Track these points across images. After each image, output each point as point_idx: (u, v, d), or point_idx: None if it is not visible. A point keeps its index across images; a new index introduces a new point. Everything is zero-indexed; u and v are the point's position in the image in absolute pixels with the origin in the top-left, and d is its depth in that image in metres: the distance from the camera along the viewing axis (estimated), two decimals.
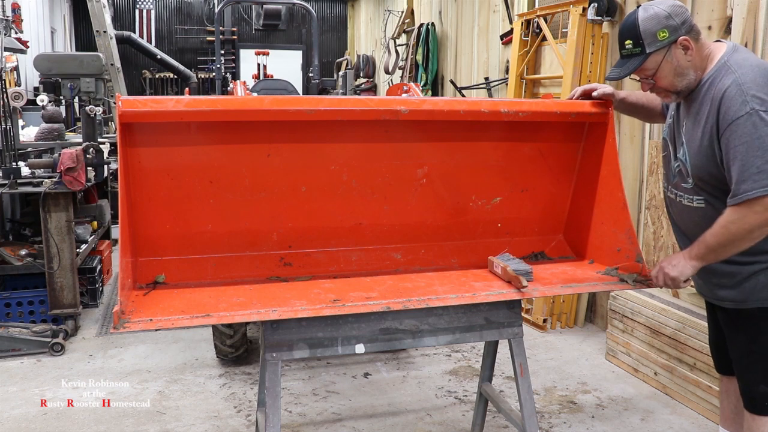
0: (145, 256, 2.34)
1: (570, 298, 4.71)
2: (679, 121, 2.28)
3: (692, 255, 2.17)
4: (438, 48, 7.83)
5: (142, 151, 2.23)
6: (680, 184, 2.28)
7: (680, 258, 2.20)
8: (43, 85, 4.90)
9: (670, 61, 2.13)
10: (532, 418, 2.41)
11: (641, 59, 2.14)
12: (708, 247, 2.11)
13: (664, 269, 2.21)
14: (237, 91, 3.69)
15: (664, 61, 2.13)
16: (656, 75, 2.17)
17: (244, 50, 13.28)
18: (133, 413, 3.35)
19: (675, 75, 2.15)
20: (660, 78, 2.17)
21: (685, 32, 2.11)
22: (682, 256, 2.20)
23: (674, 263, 2.20)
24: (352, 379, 3.79)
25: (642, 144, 4.29)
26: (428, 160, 2.54)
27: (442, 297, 2.20)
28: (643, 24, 2.12)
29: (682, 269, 2.18)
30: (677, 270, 2.18)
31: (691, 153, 2.19)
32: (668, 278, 2.20)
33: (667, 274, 2.20)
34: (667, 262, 2.22)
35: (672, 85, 2.18)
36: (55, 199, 4.24)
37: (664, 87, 2.20)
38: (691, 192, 2.24)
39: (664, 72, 2.15)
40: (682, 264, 2.18)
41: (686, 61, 2.14)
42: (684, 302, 3.58)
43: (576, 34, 4.54)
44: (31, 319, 4.44)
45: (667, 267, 2.21)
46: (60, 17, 10.81)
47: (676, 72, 2.15)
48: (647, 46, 2.12)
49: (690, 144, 2.20)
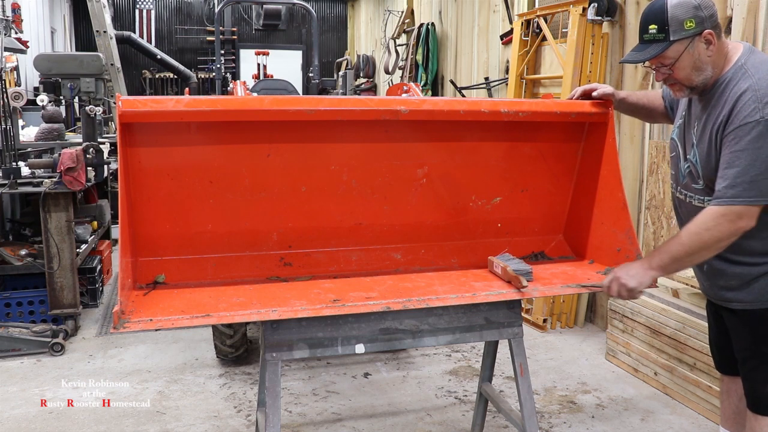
0: (145, 256, 2.34)
1: (570, 298, 4.70)
2: (690, 122, 2.24)
3: (653, 265, 2.11)
4: (438, 48, 7.83)
5: (142, 151, 2.22)
6: (690, 185, 2.24)
7: (638, 268, 2.14)
8: (43, 85, 4.90)
9: (691, 53, 2.07)
10: (532, 418, 2.41)
11: (663, 46, 2.07)
12: (673, 256, 2.07)
13: (621, 279, 2.14)
14: (237, 91, 3.69)
15: (686, 53, 2.07)
16: (675, 66, 2.10)
17: (244, 50, 13.29)
18: (133, 413, 3.35)
19: (693, 69, 2.09)
20: (678, 69, 2.10)
21: (711, 26, 2.05)
22: (640, 266, 2.14)
23: (632, 273, 2.13)
24: (352, 379, 3.79)
25: (642, 144, 4.29)
26: (428, 160, 2.54)
27: (442, 297, 2.20)
28: (672, 10, 2.04)
29: (640, 280, 2.12)
30: (635, 281, 2.12)
31: (701, 155, 2.16)
32: (625, 289, 2.13)
33: (624, 284, 2.13)
34: (623, 272, 2.15)
35: (688, 78, 2.12)
36: (55, 199, 4.24)
37: (680, 79, 2.13)
38: (703, 193, 2.18)
39: (684, 64, 2.09)
40: (641, 275, 2.12)
41: (706, 57, 2.08)
42: (684, 302, 3.58)
43: (576, 34, 4.54)
44: (31, 319, 4.44)
45: (624, 277, 2.14)
46: (60, 17, 10.81)
47: (695, 66, 2.09)
48: (672, 34, 2.05)
49: (700, 146, 2.16)
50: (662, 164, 4.03)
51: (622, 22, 4.45)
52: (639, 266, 2.15)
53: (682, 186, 2.30)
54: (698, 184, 2.20)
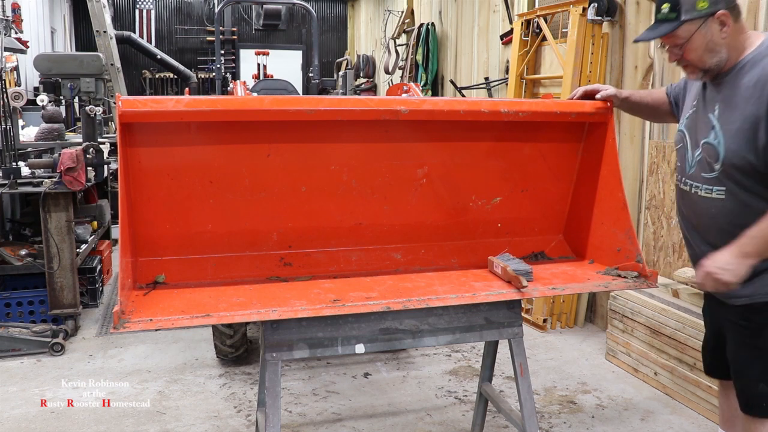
0: (145, 256, 2.34)
1: (570, 298, 4.71)
2: (706, 107, 2.16)
3: (745, 253, 1.99)
4: (438, 48, 7.83)
5: (142, 151, 2.23)
6: (700, 174, 2.16)
7: (729, 258, 2.02)
8: (43, 85, 4.90)
9: (703, 34, 2.02)
10: (532, 418, 2.41)
11: (674, 25, 2.03)
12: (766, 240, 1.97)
13: (715, 275, 2.03)
14: (237, 91, 3.69)
15: (698, 33, 2.01)
16: (686, 46, 2.05)
17: (244, 50, 13.29)
18: (133, 413, 3.35)
19: (706, 50, 2.04)
20: (689, 50, 2.05)
21: (726, 7, 2.00)
22: (732, 256, 2.01)
23: (726, 267, 2.01)
24: (352, 379, 3.79)
25: (642, 144, 4.29)
26: (428, 160, 2.54)
27: (442, 297, 2.19)
28: None
29: (736, 271, 2.00)
30: (731, 274, 2.01)
31: (727, 136, 2.06)
32: (721, 284, 2.03)
33: (719, 279, 2.02)
34: (714, 265, 2.04)
35: (701, 60, 2.06)
36: (55, 199, 4.24)
37: (692, 61, 2.08)
38: (712, 182, 2.11)
39: (695, 44, 2.03)
40: (735, 265, 2.00)
41: (720, 38, 2.02)
42: (684, 302, 3.58)
43: (576, 34, 4.54)
44: (31, 319, 4.44)
45: (718, 272, 2.02)
46: (60, 17, 10.81)
47: (708, 47, 2.03)
48: (683, 13, 2.01)
49: (726, 127, 2.07)
50: (662, 164, 4.03)
51: (622, 22, 4.45)
52: (730, 256, 2.01)
53: (687, 176, 2.23)
54: (712, 171, 2.11)
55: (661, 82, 4.09)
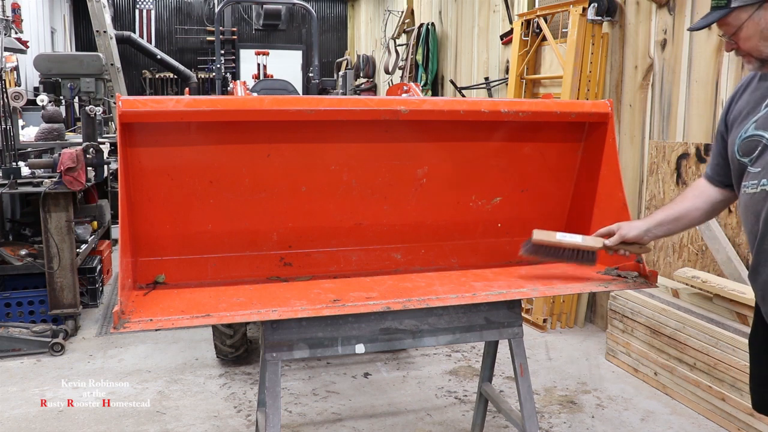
0: (145, 256, 2.34)
1: (570, 298, 4.71)
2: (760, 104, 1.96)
3: None
4: (438, 48, 7.83)
5: (142, 151, 2.22)
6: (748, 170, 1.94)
7: None
8: (43, 85, 4.91)
9: (756, 22, 1.88)
10: (532, 418, 2.41)
11: (723, 13, 1.92)
12: None
13: None
14: (237, 91, 3.69)
15: (750, 20, 1.89)
16: (739, 35, 1.94)
17: (244, 50, 13.28)
18: (133, 413, 3.35)
19: (761, 38, 1.89)
20: (743, 39, 1.93)
21: None
22: None
23: None
24: (352, 379, 3.79)
25: (642, 144, 4.29)
26: (428, 160, 2.53)
27: (442, 297, 2.19)
28: None
29: None
30: None
31: None
32: None
33: None
34: None
35: (756, 49, 1.93)
36: (55, 199, 4.24)
37: (747, 50, 1.95)
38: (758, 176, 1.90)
39: (748, 32, 1.90)
40: None
41: None
42: (684, 302, 3.58)
43: (576, 34, 4.54)
44: (31, 319, 4.44)
45: None
46: (60, 17, 10.81)
47: (763, 35, 1.89)
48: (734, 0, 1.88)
49: None
50: (662, 164, 4.03)
51: (622, 22, 4.45)
52: None
53: None
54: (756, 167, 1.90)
55: (661, 82, 4.09)
